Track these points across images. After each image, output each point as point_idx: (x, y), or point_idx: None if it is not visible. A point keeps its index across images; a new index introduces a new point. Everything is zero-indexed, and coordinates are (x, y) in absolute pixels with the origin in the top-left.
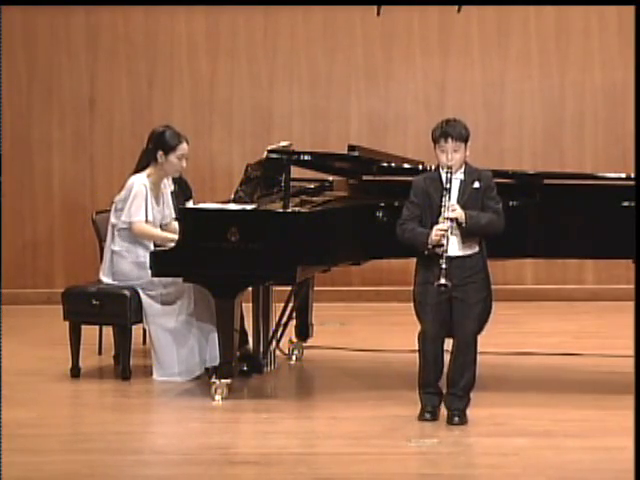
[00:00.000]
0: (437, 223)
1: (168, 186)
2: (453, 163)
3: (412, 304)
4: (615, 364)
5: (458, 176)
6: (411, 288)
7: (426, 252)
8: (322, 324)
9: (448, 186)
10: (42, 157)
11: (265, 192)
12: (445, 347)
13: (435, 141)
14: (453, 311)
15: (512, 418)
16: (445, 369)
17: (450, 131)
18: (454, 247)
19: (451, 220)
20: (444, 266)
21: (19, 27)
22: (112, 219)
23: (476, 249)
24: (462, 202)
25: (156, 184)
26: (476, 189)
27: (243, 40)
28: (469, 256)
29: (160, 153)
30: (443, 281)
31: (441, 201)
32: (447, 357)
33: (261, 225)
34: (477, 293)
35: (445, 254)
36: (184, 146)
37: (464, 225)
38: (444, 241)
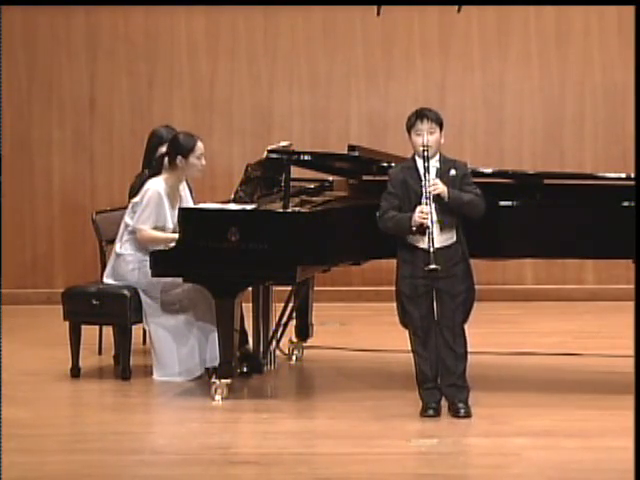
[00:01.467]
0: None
1: (186, 189)
2: (430, 144)
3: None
4: (615, 364)
5: (434, 164)
6: None
7: (411, 235)
8: (322, 324)
9: (426, 164)
10: (42, 157)
11: (265, 192)
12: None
13: (410, 127)
14: (438, 303)
15: (512, 418)
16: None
17: (426, 112)
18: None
19: (434, 197)
20: (432, 249)
21: (19, 27)
22: (126, 218)
23: (454, 239)
24: None
25: (174, 187)
26: (453, 177)
27: (243, 40)
28: (448, 246)
29: (180, 158)
30: (433, 266)
31: (420, 187)
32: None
33: (261, 225)
34: (459, 284)
35: (432, 236)
36: (200, 145)
37: (447, 199)
38: (429, 223)
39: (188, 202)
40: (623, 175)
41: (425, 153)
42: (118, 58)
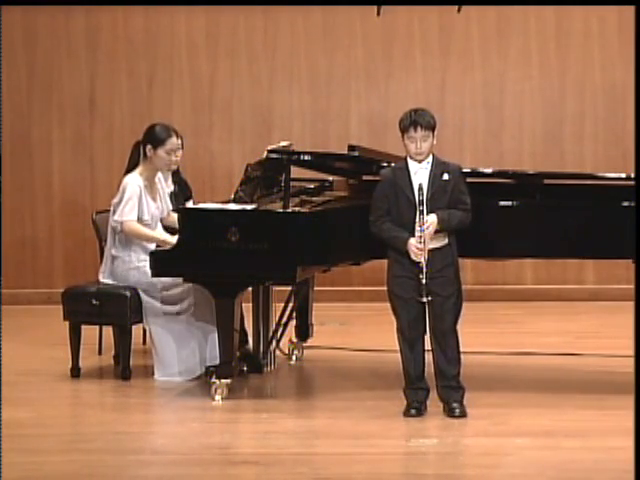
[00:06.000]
0: (413, 229)
1: (163, 180)
2: (422, 151)
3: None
4: (615, 364)
5: (425, 166)
6: None
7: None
8: (322, 324)
9: (422, 198)
10: (42, 157)
11: (265, 192)
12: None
13: (404, 130)
14: (429, 306)
15: (512, 418)
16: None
17: (419, 120)
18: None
19: (427, 202)
20: (424, 281)
21: (19, 27)
22: (111, 222)
23: (446, 241)
24: (431, 192)
25: (150, 180)
26: (445, 181)
27: (243, 40)
28: (439, 249)
29: (149, 147)
30: (424, 299)
31: (412, 194)
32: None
33: (261, 225)
34: (448, 286)
35: (425, 269)
36: (173, 140)
37: (438, 228)
38: (421, 259)
39: (165, 197)
40: (623, 175)
41: (420, 193)
42: (118, 58)
